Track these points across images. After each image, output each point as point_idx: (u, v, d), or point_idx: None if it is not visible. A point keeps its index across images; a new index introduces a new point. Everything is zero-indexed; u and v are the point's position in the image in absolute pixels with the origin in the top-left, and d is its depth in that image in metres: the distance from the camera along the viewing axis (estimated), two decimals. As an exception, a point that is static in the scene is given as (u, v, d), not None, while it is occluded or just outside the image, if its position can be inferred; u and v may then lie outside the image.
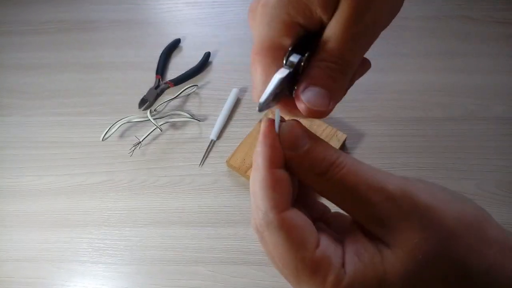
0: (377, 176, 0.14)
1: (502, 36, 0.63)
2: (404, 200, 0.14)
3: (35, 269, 0.47)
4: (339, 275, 0.14)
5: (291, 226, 0.15)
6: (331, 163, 0.15)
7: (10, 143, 0.58)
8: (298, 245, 0.14)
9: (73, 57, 0.66)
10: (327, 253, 0.14)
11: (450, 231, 0.14)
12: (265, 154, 0.15)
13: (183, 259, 0.47)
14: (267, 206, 0.15)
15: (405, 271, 0.13)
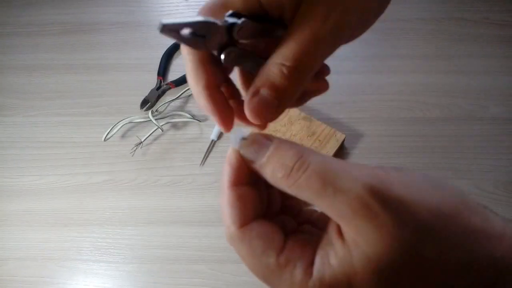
0: (344, 174, 0.14)
1: (498, 37, 0.64)
2: (374, 198, 0.13)
3: (37, 268, 0.48)
4: (305, 277, 0.14)
5: (251, 237, 0.15)
6: (292, 166, 0.15)
7: (13, 143, 0.58)
8: (261, 253, 0.15)
9: (76, 59, 0.67)
10: (291, 258, 0.15)
11: (424, 226, 0.13)
12: (227, 173, 0.16)
13: (184, 257, 0.47)
14: (228, 221, 0.16)
15: (377, 271, 0.13)
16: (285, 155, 0.15)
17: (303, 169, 0.14)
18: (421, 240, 0.13)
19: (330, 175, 0.14)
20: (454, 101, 0.58)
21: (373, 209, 0.13)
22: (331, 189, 0.14)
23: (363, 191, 0.13)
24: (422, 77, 0.60)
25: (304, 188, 0.14)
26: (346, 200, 0.14)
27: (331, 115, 0.57)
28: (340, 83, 0.60)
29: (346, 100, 0.58)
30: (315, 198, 0.14)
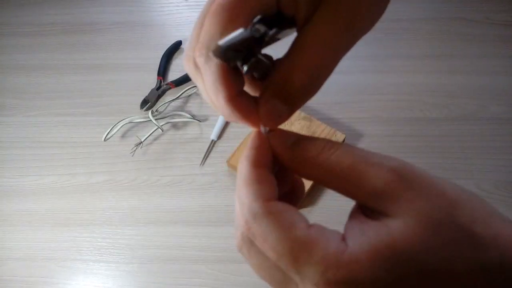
0: (373, 154, 0.15)
1: (500, 37, 0.64)
2: (406, 172, 0.14)
3: (37, 268, 0.48)
4: (341, 248, 0.13)
5: (277, 211, 0.14)
6: (323, 146, 0.15)
7: (13, 143, 0.58)
8: (289, 226, 0.14)
9: (75, 59, 0.67)
10: (322, 231, 0.14)
11: (453, 200, 0.14)
12: (250, 155, 0.16)
13: (184, 257, 0.47)
14: (251, 199, 0.15)
15: (416, 237, 0.13)
16: (314, 138, 0.16)
17: (335, 148, 0.15)
18: (455, 212, 0.13)
19: (360, 153, 0.14)
20: (455, 101, 0.58)
21: (407, 182, 0.13)
22: (363, 163, 0.14)
23: (397, 165, 0.14)
24: (423, 77, 0.60)
25: (335, 164, 0.14)
26: (380, 173, 0.14)
27: (331, 115, 0.57)
28: (340, 83, 0.60)
29: (346, 100, 0.58)
30: (345, 174, 0.14)
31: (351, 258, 0.13)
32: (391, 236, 0.13)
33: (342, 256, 0.13)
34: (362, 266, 0.13)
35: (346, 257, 0.13)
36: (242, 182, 0.15)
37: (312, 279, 0.13)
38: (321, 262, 0.13)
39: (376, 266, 0.13)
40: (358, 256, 0.13)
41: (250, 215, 0.14)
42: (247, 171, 0.15)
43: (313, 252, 0.13)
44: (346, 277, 0.13)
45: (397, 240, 0.13)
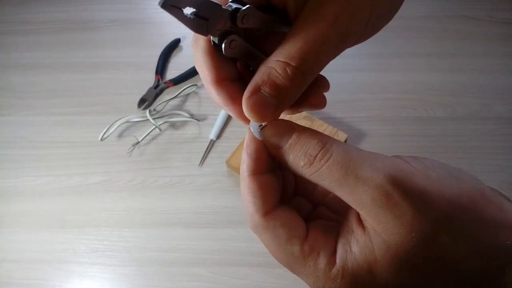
0: (366, 164, 0.14)
1: (503, 35, 0.63)
2: (395, 188, 0.14)
3: (33, 270, 0.47)
4: (329, 265, 0.15)
5: (276, 226, 0.16)
6: (315, 155, 0.15)
7: (8, 143, 0.57)
8: (285, 242, 0.15)
9: (72, 57, 0.66)
10: (315, 246, 0.15)
11: (441, 216, 0.13)
12: (246, 163, 0.16)
13: (182, 260, 0.46)
14: (252, 210, 0.16)
15: (396, 259, 0.14)
16: (308, 143, 0.15)
17: (325, 159, 0.15)
18: (438, 230, 0.13)
19: (352, 165, 0.14)
20: (458, 100, 0.57)
21: (394, 199, 0.14)
22: (352, 178, 0.14)
23: (384, 181, 0.14)
24: (426, 76, 0.60)
25: (325, 176, 0.15)
26: (367, 189, 0.14)
27: (333, 114, 0.56)
28: (343, 81, 0.59)
29: (348, 99, 0.57)
30: (336, 186, 0.15)
31: (336, 275, 0.15)
32: (373, 255, 0.14)
33: (329, 273, 0.15)
34: (345, 283, 0.15)
35: (332, 274, 0.15)
36: (243, 190, 0.16)
37: (308, 282, 0.16)
38: (312, 275, 0.15)
39: (358, 283, 0.15)
40: (343, 274, 0.15)
41: (252, 224, 0.16)
42: (246, 181, 0.16)
43: (306, 266, 0.15)
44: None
45: (378, 259, 0.14)
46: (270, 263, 0.45)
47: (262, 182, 0.16)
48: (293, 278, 0.44)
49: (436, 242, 0.13)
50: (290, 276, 0.46)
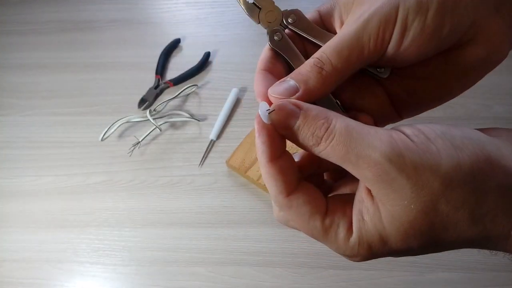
0: (364, 142, 0.15)
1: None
2: (391, 165, 0.15)
3: (33, 269, 0.47)
4: (347, 235, 0.17)
5: (298, 204, 0.17)
6: (321, 137, 0.16)
7: (9, 143, 0.57)
8: (308, 218, 0.17)
9: (72, 57, 0.66)
10: (334, 219, 0.17)
11: (439, 188, 0.15)
12: (261, 150, 0.17)
13: (182, 260, 0.46)
14: (275, 192, 0.17)
15: (401, 228, 0.15)
16: (314, 125, 0.16)
17: (329, 140, 0.16)
18: (436, 201, 0.15)
19: (352, 144, 0.15)
20: (458, 100, 0.56)
21: (391, 175, 0.15)
22: (353, 156, 0.15)
23: (382, 159, 0.15)
24: (425, 76, 0.60)
25: (331, 155, 0.16)
26: (367, 166, 0.15)
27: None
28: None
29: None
30: (341, 163, 0.16)
31: (354, 245, 0.17)
32: (381, 224, 0.16)
33: (347, 243, 0.17)
34: (362, 250, 0.17)
35: (350, 244, 0.17)
36: (263, 174, 0.17)
37: (332, 250, 0.18)
38: (334, 244, 0.17)
39: (372, 249, 0.16)
40: (360, 243, 0.17)
41: (277, 204, 0.18)
42: (265, 167, 0.17)
43: (327, 238, 0.17)
44: (353, 255, 0.17)
45: (386, 228, 0.16)
46: (270, 262, 0.45)
47: (280, 166, 0.17)
48: (293, 277, 0.45)
49: (436, 211, 0.15)
50: (290, 275, 0.46)
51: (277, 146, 0.17)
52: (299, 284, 0.44)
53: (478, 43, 0.17)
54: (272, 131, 0.17)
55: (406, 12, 0.16)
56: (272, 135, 0.17)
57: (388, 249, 0.16)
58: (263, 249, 0.46)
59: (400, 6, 0.16)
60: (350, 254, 0.17)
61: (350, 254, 0.17)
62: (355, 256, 0.17)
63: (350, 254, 0.17)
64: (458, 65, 0.18)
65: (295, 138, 0.17)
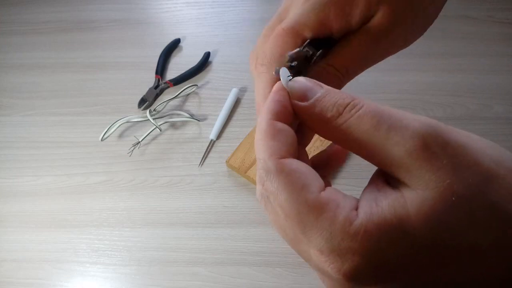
0: (399, 115, 0.13)
1: (503, 35, 0.63)
2: (433, 137, 0.12)
3: (33, 269, 0.47)
4: (350, 217, 0.13)
5: (291, 170, 0.14)
6: (345, 105, 0.14)
7: (9, 143, 0.57)
8: (300, 187, 0.13)
9: (72, 57, 0.66)
10: (333, 197, 0.13)
11: (488, 172, 0.12)
12: (269, 107, 0.15)
13: (182, 260, 0.46)
14: (265, 155, 0.14)
15: (434, 214, 0.12)
16: (337, 95, 0.14)
17: (356, 108, 0.14)
18: (486, 188, 0.12)
19: (385, 115, 0.13)
20: (458, 100, 0.57)
21: (431, 150, 0.12)
22: (385, 128, 0.13)
23: (422, 130, 0.12)
24: (425, 76, 0.60)
25: (354, 128, 0.13)
26: (400, 140, 0.12)
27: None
28: (342, 82, 0.59)
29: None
30: (364, 139, 0.13)
31: (358, 229, 0.12)
32: (405, 210, 0.12)
33: (349, 226, 0.12)
34: (368, 240, 0.12)
35: (353, 227, 0.12)
36: (259, 135, 0.15)
37: (317, 244, 0.13)
38: (327, 229, 0.13)
39: (383, 241, 0.12)
40: (366, 228, 0.12)
41: (264, 171, 0.14)
42: (265, 125, 0.15)
43: (320, 218, 0.13)
44: (351, 248, 0.12)
45: (411, 215, 0.12)
46: (270, 263, 0.45)
47: (282, 128, 0.15)
48: (293, 277, 0.44)
49: (481, 201, 0.12)
50: (290, 275, 0.46)
51: (286, 112, 0.15)
52: (299, 284, 0.44)
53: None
54: (288, 97, 0.16)
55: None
56: (286, 100, 0.15)
57: (407, 241, 0.12)
58: (263, 249, 0.46)
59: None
60: (347, 245, 0.12)
61: (346, 247, 0.12)
62: (351, 253, 0.12)
63: (346, 247, 0.12)
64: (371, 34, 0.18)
65: (309, 111, 0.15)
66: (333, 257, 0.13)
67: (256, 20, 0.69)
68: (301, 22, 0.18)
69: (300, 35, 0.18)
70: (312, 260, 0.14)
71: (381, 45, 0.18)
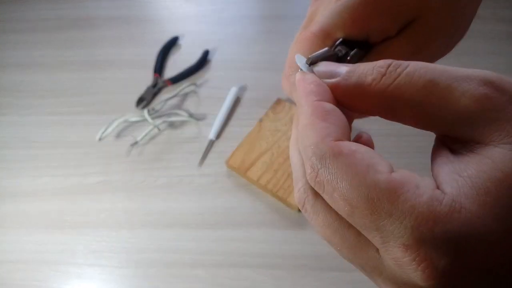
0: (454, 68, 0.11)
1: (508, 34, 0.62)
2: (506, 81, 0.10)
3: (30, 271, 0.46)
4: (436, 195, 0.10)
5: (351, 151, 0.11)
6: (387, 66, 0.12)
7: (5, 143, 0.57)
8: (366, 169, 0.11)
9: (69, 55, 0.65)
10: (408, 176, 0.11)
11: None
12: (307, 90, 0.13)
13: (181, 261, 0.46)
14: (318, 137, 0.12)
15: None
16: (373, 63, 0.12)
17: (402, 67, 0.11)
18: None
19: (438, 69, 0.11)
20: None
21: (508, 94, 0.10)
22: (444, 79, 0.11)
23: (491, 76, 0.10)
24: (428, 75, 0.59)
25: (405, 88, 0.11)
26: (469, 89, 0.10)
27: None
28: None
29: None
30: (420, 99, 0.11)
31: (453, 207, 0.09)
32: (499, 170, 0.10)
33: (439, 206, 0.10)
34: (471, 216, 0.09)
35: (445, 206, 0.10)
36: (305, 120, 0.13)
37: (400, 237, 0.10)
38: (412, 214, 0.10)
39: (491, 213, 0.09)
40: (463, 203, 0.09)
41: (316, 158, 0.12)
42: (311, 107, 0.13)
43: (399, 201, 0.10)
44: (449, 233, 0.09)
45: (507, 174, 0.09)
46: (270, 264, 0.45)
47: (331, 108, 0.13)
48: (293, 279, 0.44)
49: None
50: (290, 277, 0.46)
51: (326, 92, 0.13)
52: (300, 286, 0.44)
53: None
54: (318, 78, 0.14)
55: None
56: (318, 80, 0.14)
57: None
58: (263, 251, 0.46)
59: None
60: (443, 230, 0.09)
61: (441, 233, 0.09)
62: (450, 241, 0.09)
63: (441, 233, 0.09)
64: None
65: (344, 84, 0.13)
66: (425, 250, 0.09)
67: (255, 17, 0.68)
68: (332, 23, 0.16)
69: (331, 37, 0.16)
70: (385, 269, 0.11)
71: (423, 53, 0.17)
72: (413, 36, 0.16)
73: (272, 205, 0.49)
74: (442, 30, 0.17)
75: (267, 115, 0.54)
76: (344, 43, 0.16)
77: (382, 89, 0.12)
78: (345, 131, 0.13)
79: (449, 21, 0.17)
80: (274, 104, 0.55)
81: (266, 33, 0.64)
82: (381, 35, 0.16)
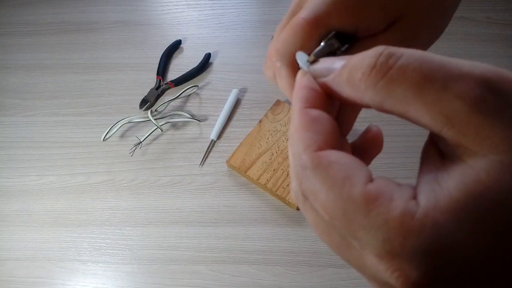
0: (453, 62, 0.10)
1: (501, 37, 0.63)
2: (503, 85, 0.10)
3: (36, 268, 0.48)
4: (409, 209, 0.10)
5: (329, 163, 0.11)
6: (377, 56, 0.11)
7: (12, 143, 0.58)
8: (341, 181, 0.11)
9: (74, 58, 0.66)
10: (384, 188, 0.11)
11: None
12: (298, 95, 0.13)
13: (183, 258, 0.47)
14: (300, 147, 0.12)
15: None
16: (364, 54, 0.11)
17: (394, 59, 0.10)
18: None
19: (436, 62, 0.10)
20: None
21: (503, 99, 0.09)
22: (440, 76, 0.10)
23: (489, 73, 0.10)
24: (423, 77, 0.60)
25: (396, 82, 0.10)
26: (464, 90, 0.10)
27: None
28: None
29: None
30: (414, 95, 0.10)
31: (424, 222, 0.09)
32: (482, 184, 0.09)
33: (410, 221, 0.10)
34: (443, 232, 0.09)
35: (417, 221, 0.09)
36: (293, 128, 0.13)
37: (374, 248, 0.10)
38: (383, 227, 0.10)
39: (465, 229, 0.09)
40: (434, 218, 0.09)
41: (300, 167, 0.12)
42: (297, 114, 0.13)
43: (372, 215, 0.10)
44: (419, 248, 0.09)
45: (489, 188, 0.09)
46: (269, 261, 0.46)
47: (316, 116, 0.13)
48: (292, 276, 0.45)
49: None
50: (289, 273, 0.47)
51: (317, 96, 0.13)
52: (298, 282, 0.45)
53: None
54: (314, 80, 0.14)
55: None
56: (313, 82, 0.14)
57: (496, 225, 0.09)
58: (262, 248, 0.47)
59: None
60: (413, 245, 0.09)
61: (412, 247, 0.09)
62: (421, 254, 0.09)
63: (412, 247, 0.09)
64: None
65: (338, 81, 0.13)
66: (397, 262, 0.10)
67: (256, 21, 0.70)
68: (326, 10, 0.15)
69: (323, 26, 0.15)
70: (367, 269, 0.11)
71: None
72: (400, 32, 0.17)
73: (271, 204, 0.50)
74: (425, 29, 0.17)
75: (267, 116, 0.55)
76: (336, 37, 0.16)
77: (372, 84, 0.11)
78: (329, 138, 0.12)
79: (433, 20, 0.17)
80: (274, 105, 0.56)
81: (265, 37, 0.65)
82: (369, 30, 0.16)
